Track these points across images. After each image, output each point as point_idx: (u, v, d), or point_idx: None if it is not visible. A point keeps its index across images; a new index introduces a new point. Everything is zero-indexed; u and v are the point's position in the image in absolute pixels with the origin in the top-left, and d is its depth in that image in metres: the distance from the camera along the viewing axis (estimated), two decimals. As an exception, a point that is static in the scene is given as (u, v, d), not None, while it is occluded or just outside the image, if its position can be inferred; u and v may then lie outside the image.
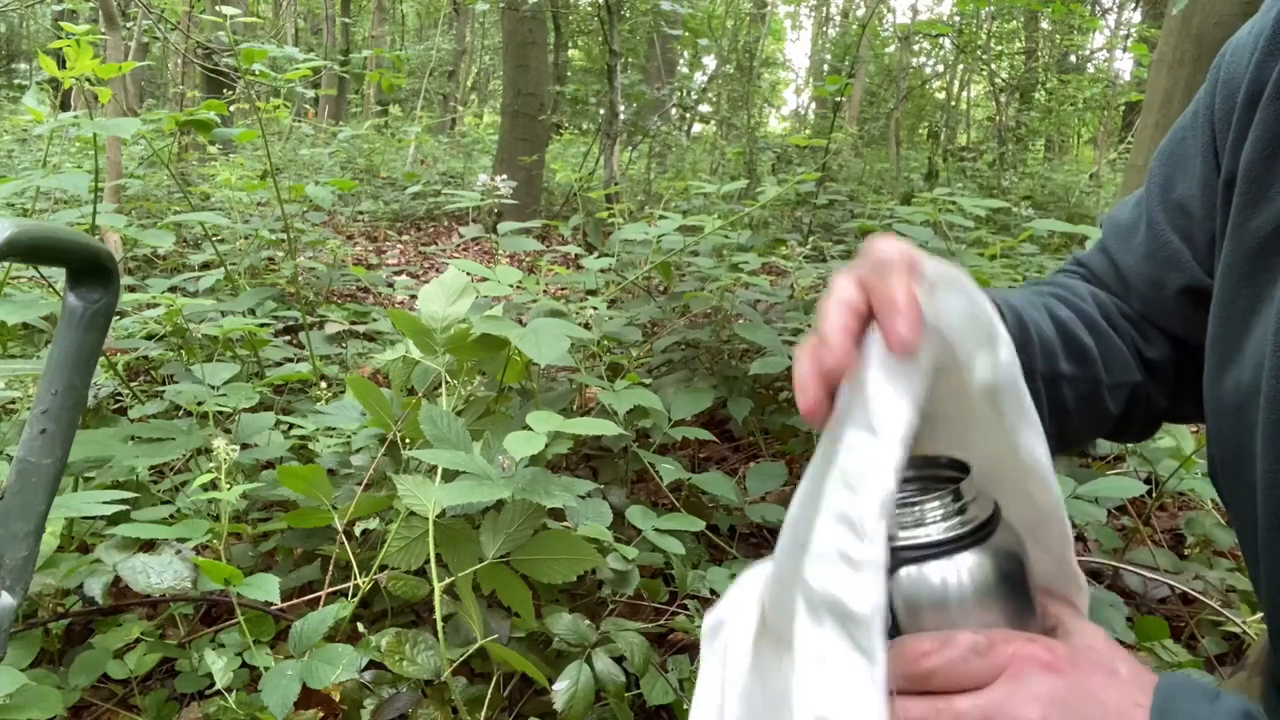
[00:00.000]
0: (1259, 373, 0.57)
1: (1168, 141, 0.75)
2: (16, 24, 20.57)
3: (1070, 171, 10.89)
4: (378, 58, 10.06)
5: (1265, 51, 0.62)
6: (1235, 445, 0.61)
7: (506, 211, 3.24)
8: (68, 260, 0.71)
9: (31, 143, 7.42)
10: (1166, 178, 0.74)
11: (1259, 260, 0.60)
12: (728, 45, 10.58)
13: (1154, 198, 0.74)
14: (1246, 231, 0.62)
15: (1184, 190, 0.71)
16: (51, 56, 2.13)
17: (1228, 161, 0.65)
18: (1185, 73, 3.25)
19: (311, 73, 2.73)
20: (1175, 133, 0.74)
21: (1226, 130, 0.66)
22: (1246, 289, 0.61)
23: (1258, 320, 0.60)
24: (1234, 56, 0.66)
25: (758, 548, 2.11)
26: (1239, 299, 0.62)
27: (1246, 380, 0.59)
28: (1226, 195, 0.65)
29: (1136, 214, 0.77)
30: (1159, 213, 0.73)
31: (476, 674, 1.44)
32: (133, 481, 1.69)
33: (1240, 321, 0.62)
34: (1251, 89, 0.63)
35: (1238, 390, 0.60)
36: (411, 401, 1.63)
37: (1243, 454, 0.60)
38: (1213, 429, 0.65)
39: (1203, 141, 0.69)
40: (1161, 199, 0.73)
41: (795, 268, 2.24)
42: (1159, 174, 0.75)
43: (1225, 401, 0.62)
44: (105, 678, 1.41)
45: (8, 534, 0.69)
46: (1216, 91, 0.68)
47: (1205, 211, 0.69)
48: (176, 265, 3.97)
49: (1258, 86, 0.62)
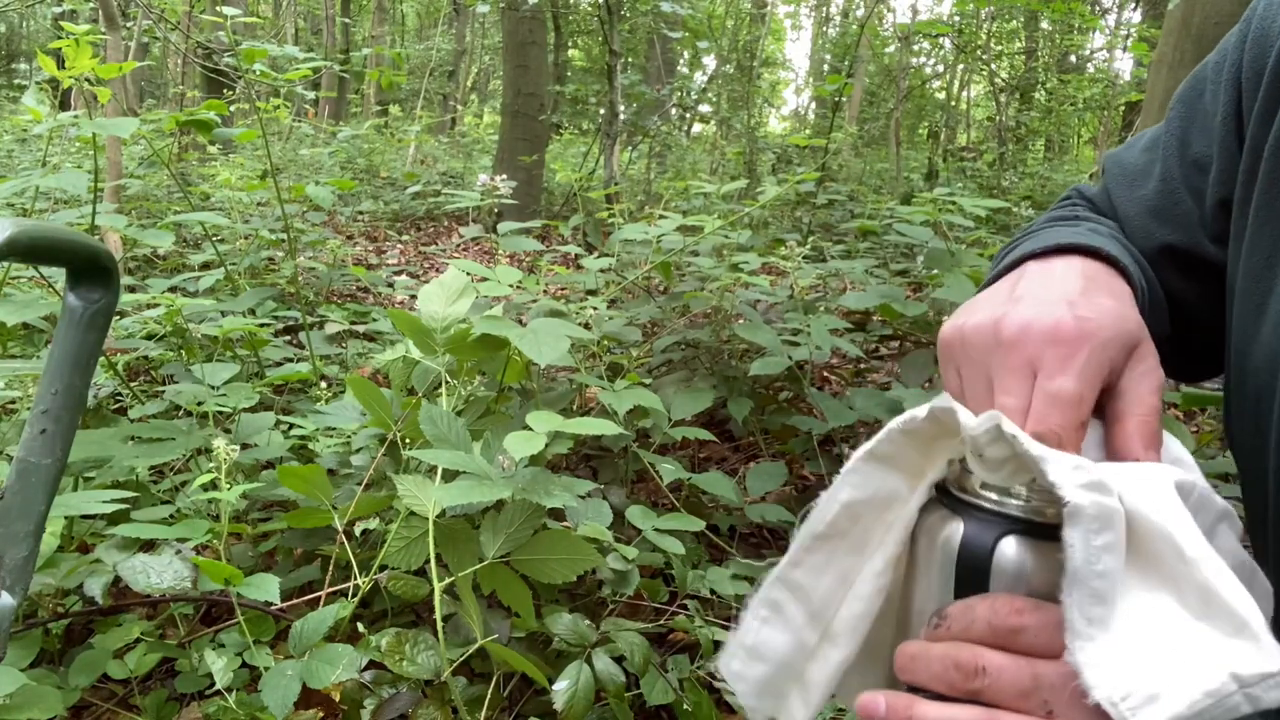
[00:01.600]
0: (1277, 359, 0.55)
1: (1188, 89, 0.68)
2: (16, 24, 20.57)
3: (1070, 171, 10.89)
4: (378, 56, 10.07)
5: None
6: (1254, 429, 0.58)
7: (506, 211, 3.24)
8: (68, 260, 0.71)
9: (31, 143, 7.42)
10: (1185, 130, 0.67)
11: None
12: (728, 45, 10.59)
13: (1172, 150, 0.68)
14: (1276, 211, 0.57)
15: (1200, 148, 0.65)
16: (51, 56, 2.13)
17: (1254, 129, 0.59)
18: (1185, 73, 3.23)
19: (311, 73, 2.74)
20: (1195, 83, 0.68)
21: (1255, 92, 0.60)
22: (1271, 270, 0.57)
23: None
24: (1266, 11, 0.60)
25: (758, 547, 2.11)
26: (1263, 280, 0.57)
27: (1265, 364, 0.56)
28: (1252, 164, 0.59)
29: (1148, 160, 0.70)
30: (1175, 166, 0.67)
31: (476, 674, 1.44)
32: (133, 481, 1.69)
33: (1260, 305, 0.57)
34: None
35: (1257, 375, 0.57)
36: (411, 401, 1.63)
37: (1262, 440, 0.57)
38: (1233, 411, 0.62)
39: (1226, 99, 0.63)
40: (1180, 153, 0.67)
41: (795, 268, 2.24)
42: (1178, 125, 0.68)
43: (1246, 385, 0.59)
44: (105, 678, 1.41)
45: (8, 534, 0.69)
46: (1246, 48, 0.61)
47: (1220, 174, 0.63)
48: (176, 265, 3.97)
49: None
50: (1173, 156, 0.68)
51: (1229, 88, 0.63)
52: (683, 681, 1.51)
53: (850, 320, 2.97)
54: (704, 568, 1.76)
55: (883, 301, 2.17)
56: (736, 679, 0.54)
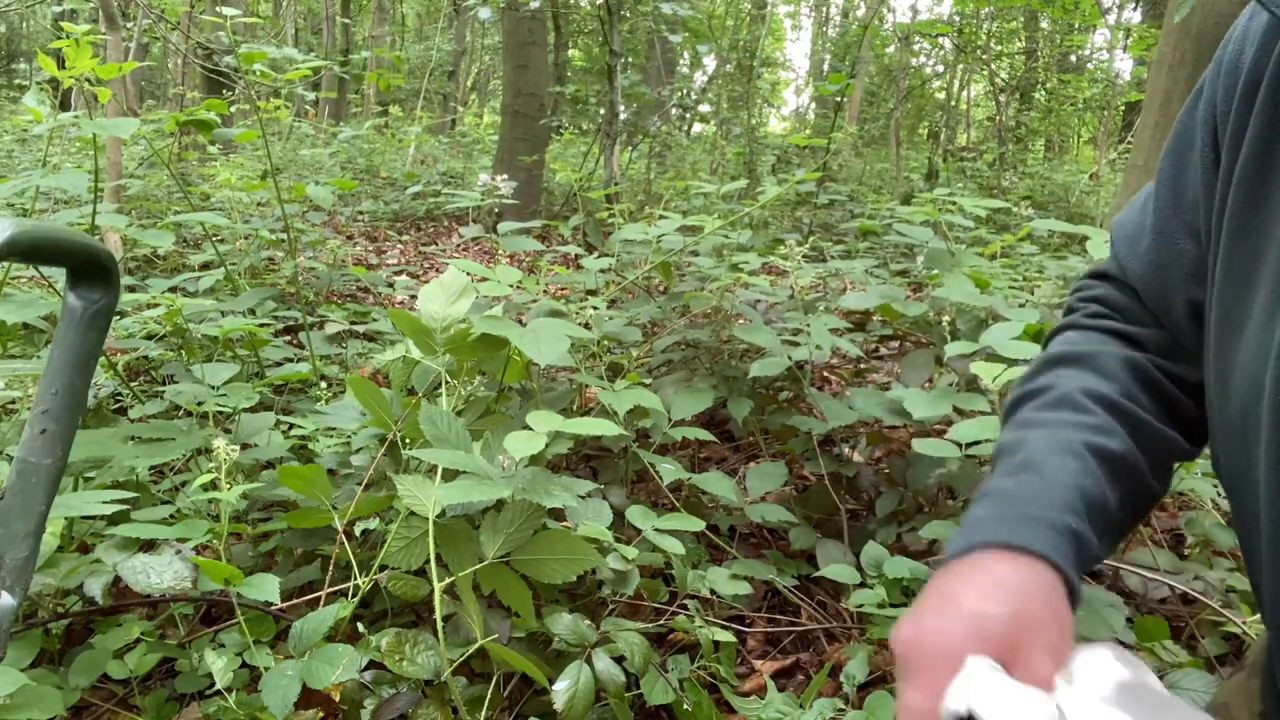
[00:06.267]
0: (1260, 379, 0.56)
1: (1173, 139, 0.71)
2: (16, 24, 20.58)
3: (1070, 171, 10.88)
4: (377, 58, 10.06)
5: (1260, 46, 0.61)
6: (1241, 447, 0.60)
7: (506, 211, 3.24)
8: (68, 260, 0.71)
9: (31, 143, 7.42)
10: (1176, 178, 0.70)
11: (1256, 261, 0.59)
12: (728, 45, 10.59)
13: (1164, 200, 0.71)
14: (1247, 233, 0.60)
15: (1193, 190, 0.68)
16: (51, 56, 2.13)
17: (1226, 157, 0.63)
18: (1185, 73, 3.25)
19: (311, 73, 2.73)
20: (1178, 129, 0.70)
21: (1227, 119, 0.63)
22: (1249, 292, 0.59)
23: (1259, 326, 0.58)
24: (1235, 45, 0.64)
25: (758, 547, 2.11)
26: (1241, 301, 0.60)
27: (1248, 385, 0.58)
28: (1225, 190, 0.63)
29: (1144, 216, 0.73)
30: (1170, 214, 0.70)
31: (476, 674, 1.44)
32: (133, 481, 1.69)
33: (1239, 325, 0.60)
34: (1250, 80, 0.61)
35: (1240, 395, 0.59)
36: (411, 401, 1.63)
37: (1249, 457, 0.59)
38: (1217, 429, 0.64)
39: (1204, 134, 0.66)
40: (1174, 201, 0.70)
41: (795, 268, 2.24)
42: (1169, 171, 0.71)
43: (1230, 405, 0.61)
44: (105, 678, 1.41)
45: (8, 534, 0.69)
46: (1219, 80, 0.65)
47: (1208, 209, 0.66)
48: (176, 265, 3.98)
49: (1255, 78, 0.60)
50: (1166, 206, 0.70)
51: (1204, 124, 0.66)
52: (683, 681, 1.52)
53: (850, 320, 2.97)
54: (704, 568, 1.76)
55: (883, 301, 2.17)
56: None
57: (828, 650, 1.78)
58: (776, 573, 1.85)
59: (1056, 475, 0.63)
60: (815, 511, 2.09)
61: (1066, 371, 0.72)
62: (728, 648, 1.62)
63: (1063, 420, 0.68)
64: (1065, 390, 0.70)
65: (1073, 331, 0.77)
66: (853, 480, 2.13)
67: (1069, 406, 0.69)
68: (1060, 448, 0.65)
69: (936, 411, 1.74)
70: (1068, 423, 0.67)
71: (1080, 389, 0.70)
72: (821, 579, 1.79)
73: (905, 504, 2.04)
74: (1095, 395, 0.69)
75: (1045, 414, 0.69)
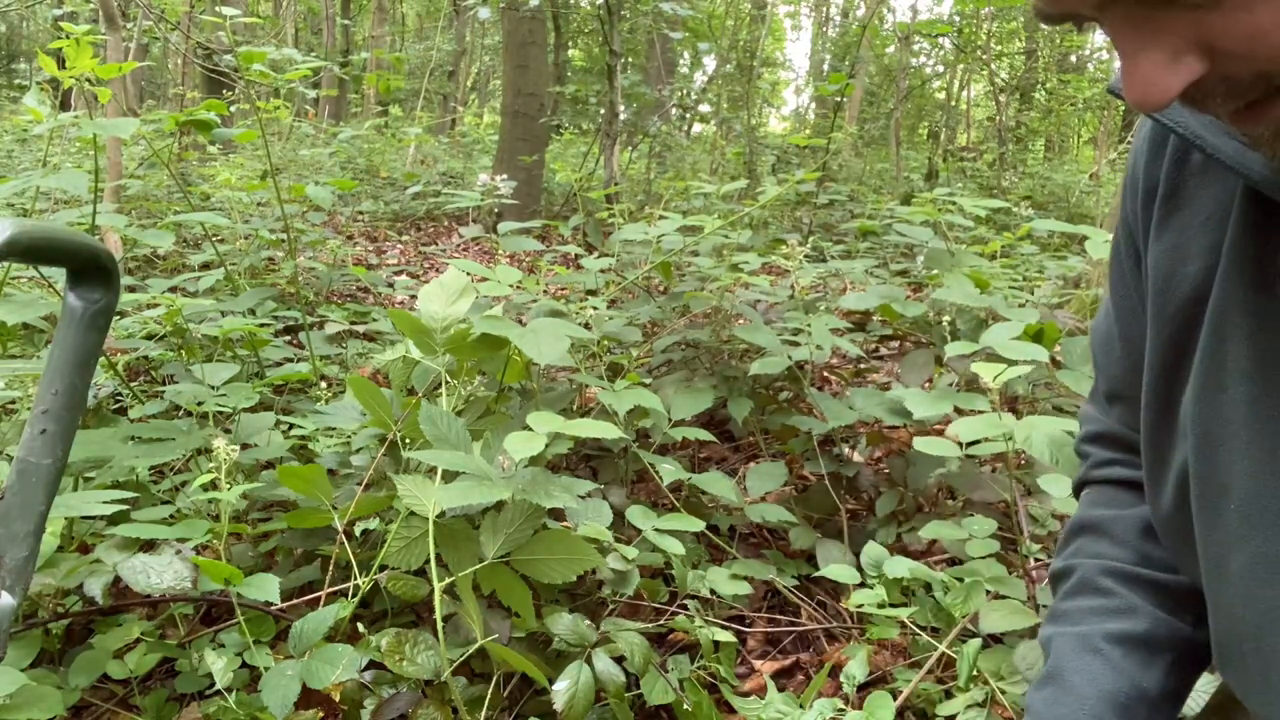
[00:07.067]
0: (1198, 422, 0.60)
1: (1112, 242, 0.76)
2: (16, 24, 20.58)
3: (1070, 171, 10.88)
4: (377, 59, 10.05)
5: (1149, 155, 0.66)
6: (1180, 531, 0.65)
7: (506, 211, 3.24)
8: (68, 260, 0.71)
9: (31, 143, 7.41)
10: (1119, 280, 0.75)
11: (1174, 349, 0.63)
12: (727, 45, 10.58)
13: (1117, 304, 0.75)
14: (1164, 320, 0.64)
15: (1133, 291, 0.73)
16: (51, 56, 2.13)
17: (1146, 258, 0.68)
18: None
19: (311, 73, 2.73)
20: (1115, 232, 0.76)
21: (1136, 225, 0.69)
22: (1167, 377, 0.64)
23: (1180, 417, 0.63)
24: (1135, 157, 0.69)
25: (757, 547, 2.11)
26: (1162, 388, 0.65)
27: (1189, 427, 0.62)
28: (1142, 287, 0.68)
29: (1108, 323, 0.78)
30: (1128, 319, 0.74)
31: (476, 674, 1.44)
32: (133, 481, 1.69)
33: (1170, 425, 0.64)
34: (1146, 187, 0.66)
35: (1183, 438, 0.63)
36: (411, 401, 1.63)
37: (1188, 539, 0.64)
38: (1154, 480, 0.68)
39: (1128, 246, 0.72)
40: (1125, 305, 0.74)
41: (795, 268, 2.24)
42: (1113, 277, 0.76)
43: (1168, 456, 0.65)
44: (105, 678, 1.41)
45: (8, 534, 0.69)
46: (1127, 192, 0.71)
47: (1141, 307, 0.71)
48: (176, 265, 3.97)
49: (1150, 184, 0.66)
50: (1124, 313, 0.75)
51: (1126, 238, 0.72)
52: (683, 681, 1.52)
53: (850, 320, 2.97)
54: (704, 568, 1.76)
55: (883, 301, 2.17)
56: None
57: (828, 650, 1.78)
58: (776, 573, 1.85)
59: (1082, 687, 0.69)
60: (815, 511, 2.09)
61: (1087, 543, 0.79)
62: (728, 648, 1.62)
63: (1084, 609, 0.74)
64: (1086, 574, 0.76)
65: (1089, 490, 0.83)
66: (853, 480, 2.13)
67: (1090, 591, 0.75)
68: (1082, 646, 0.71)
69: (936, 411, 1.75)
70: (1089, 611, 0.74)
71: (1099, 569, 0.75)
72: (821, 579, 1.79)
73: (905, 504, 2.04)
74: (1113, 572, 0.75)
75: (1067, 604, 0.76)
